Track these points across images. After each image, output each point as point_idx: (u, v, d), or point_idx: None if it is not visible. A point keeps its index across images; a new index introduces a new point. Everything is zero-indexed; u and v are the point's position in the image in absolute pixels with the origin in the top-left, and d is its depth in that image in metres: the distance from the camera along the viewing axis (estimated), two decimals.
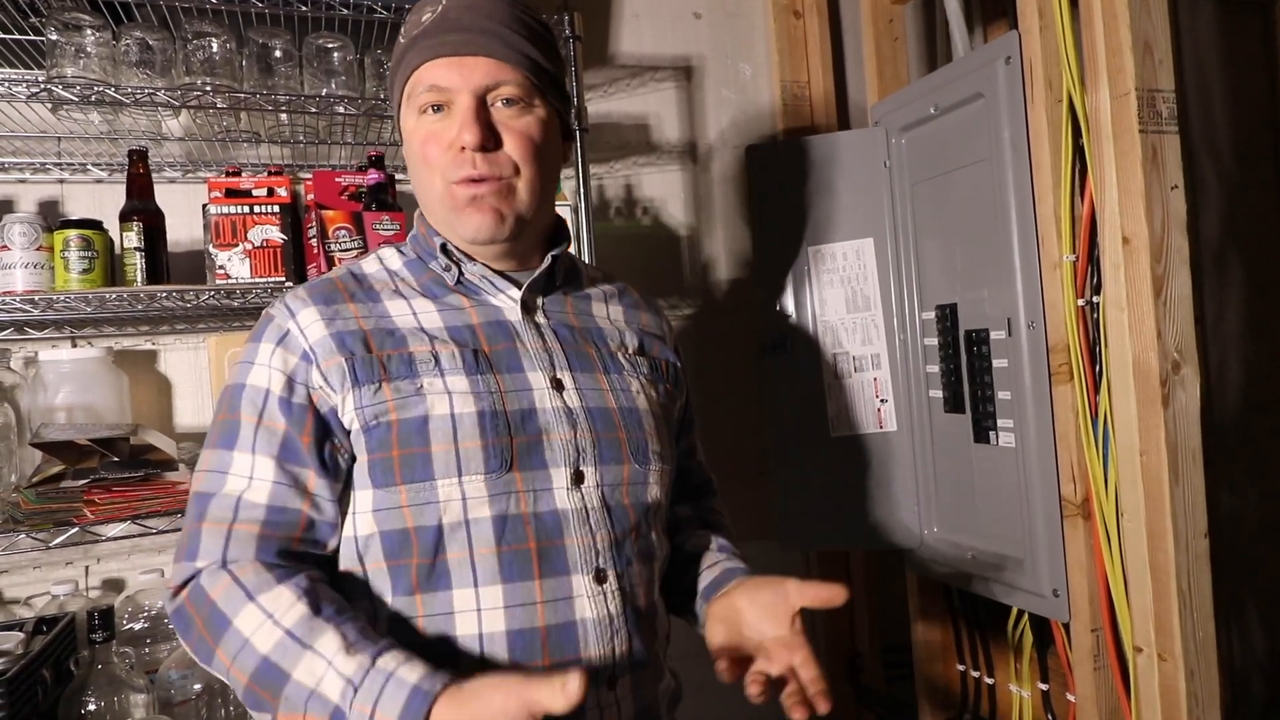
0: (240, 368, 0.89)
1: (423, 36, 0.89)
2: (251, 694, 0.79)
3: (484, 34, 0.88)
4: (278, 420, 0.86)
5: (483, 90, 0.89)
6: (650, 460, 0.94)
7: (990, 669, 1.56)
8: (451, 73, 0.88)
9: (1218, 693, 1.18)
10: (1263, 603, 1.83)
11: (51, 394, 1.43)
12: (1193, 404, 1.18)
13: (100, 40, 1.35)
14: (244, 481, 0.85)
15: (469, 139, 0.87)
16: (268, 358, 0.88)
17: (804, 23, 2.03)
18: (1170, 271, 1.18)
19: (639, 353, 1.02)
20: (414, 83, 0.90)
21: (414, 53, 0.90)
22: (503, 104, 0.90)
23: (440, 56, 0.88)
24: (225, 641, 0.79)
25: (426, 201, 0.94)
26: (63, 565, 1.54)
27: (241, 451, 0.86)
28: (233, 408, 0.88)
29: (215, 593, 0.80)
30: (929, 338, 1.56)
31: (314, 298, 0.91)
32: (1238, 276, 1.90)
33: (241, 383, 0.88)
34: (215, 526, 0.83)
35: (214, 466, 0.86)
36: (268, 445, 0.85)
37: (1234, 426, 1.85)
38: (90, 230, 1.36)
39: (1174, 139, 1.19)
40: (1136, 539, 1.20)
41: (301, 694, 0.76)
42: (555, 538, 0.86)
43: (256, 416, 0.86)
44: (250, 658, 0.78)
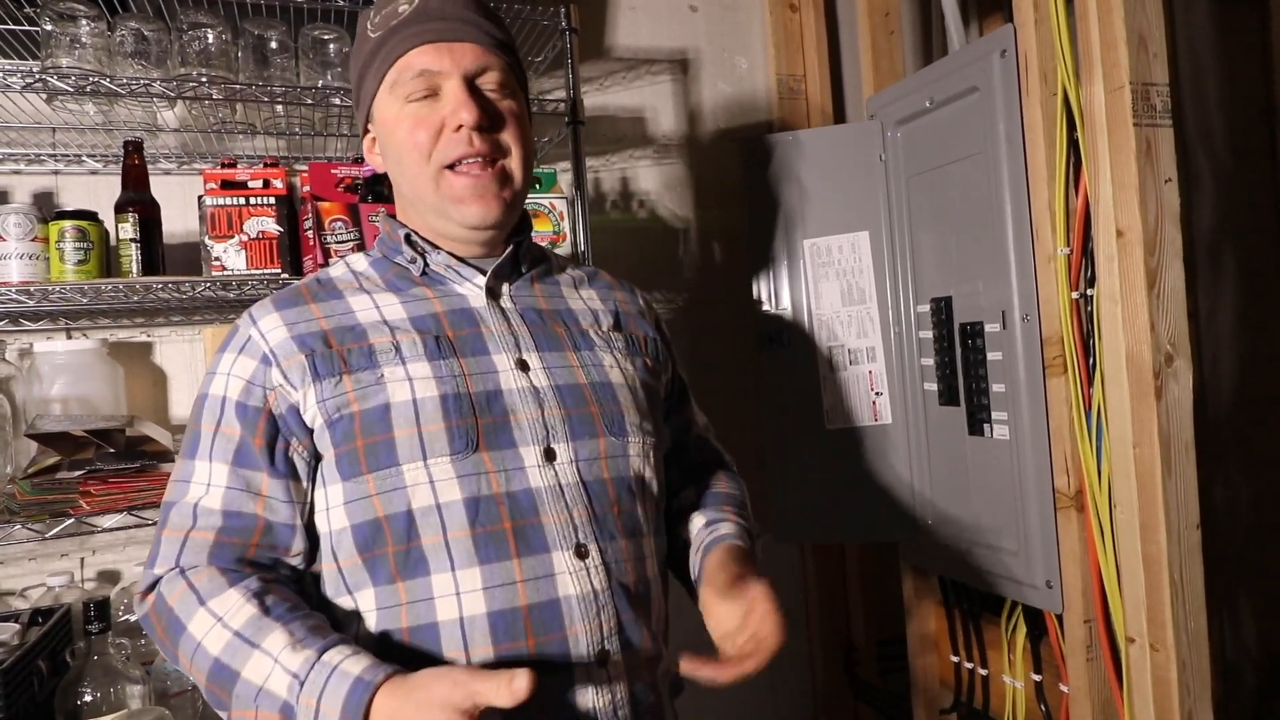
0: (206, 379, 0.92)
1: (404, 25, 0.90)
2: (210, 694, 0.82)
3: (466, 23, 0.91)
4: (233, 426, 0.87)
5: (472, 74, 0.90)
6: (628, 432, 0.94)
7: (984, 660, 1.57)
8: (442, 57, 0.89)
9: (1209, 683, 1.19)
10: (1255, 595, 1.85)
11: (47, 385, 1.43)
12: (1185, 397, 1.19)
13: (95, 31, 1.34)
14: (202, 489, 0.87)
15: (467, 117, 0.88)
16: (229, 366, 0.90)
17: (800, 16, 2.03)
18: (1163, 265, 1.19)
19: (614, 329, 1.02)
20: (400, 69, 0.90)
21: (396, 41, 0.90)
22: (489, 89, 0.92)
23: (427, 42, 0.89)
24: (182, 645, 0.82)
25: (414, 190, 0.93)
26: (58, 557, 1.54)
27: (201, 460, 0.88)
28: (196, 418, 0.90)
29: (172, 599, 0.83)
30: (924, 331, 1.57)
31: (278, 304, 0.93)
32: (1232, 270, 1.91)
33: (205, 393, 0.91)
34: (173, 534, 0.86)
35: (179, 476, 0.89)
36: (223, 452, 0.87)
37: (1227, 420, 1.86)
38: (86, 221, 1.36)
39: (1168, 132, 1.20)
40: (1129, 531, 1.21)
41: (250, 691, 0.78)
42: (530, 516, 0.86)
43: (214, 425, 0.88)
44: (204, 660, 0.80)
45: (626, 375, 0.98)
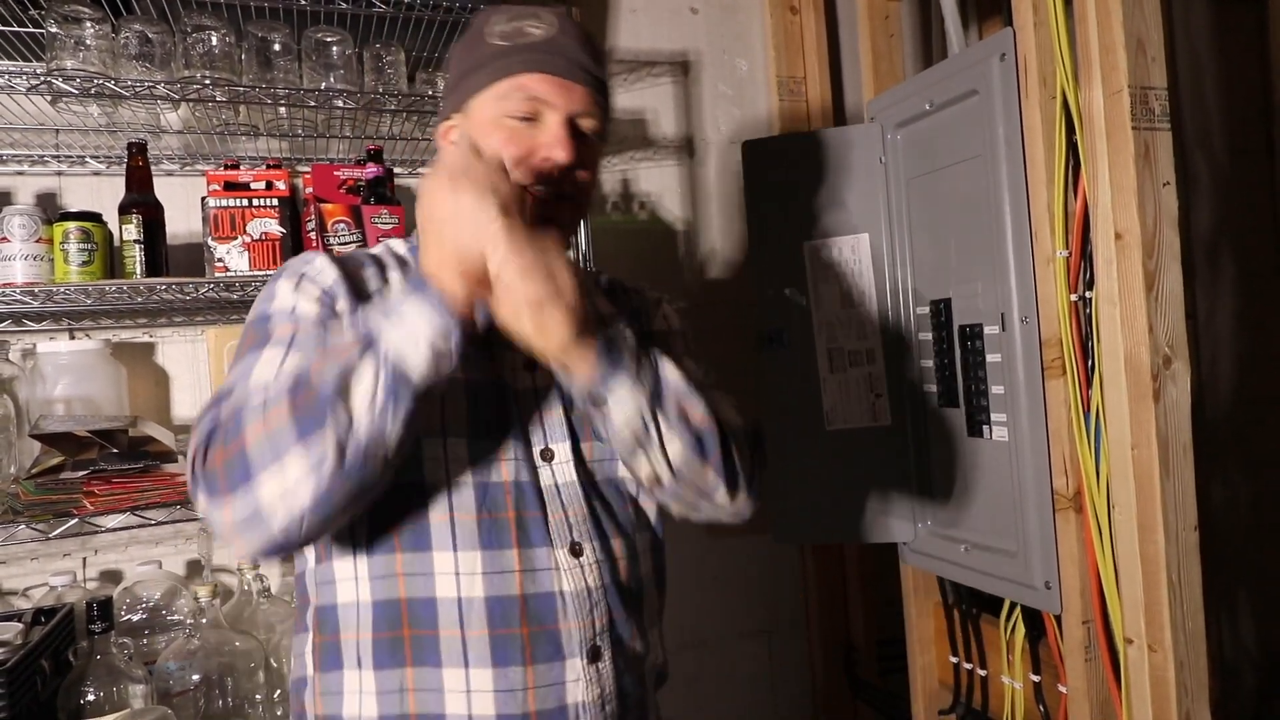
0: (262, 303, 0.90)
1: (530, 49, 0.93)
2: (301, 419, 0.71)
3: (585, 69, 0.94)
4: (310, 329, 0.85)
5: (575, 115, 0.94)
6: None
7: (983, 661, 1.57)
8: (556, 91, 0.92)
9: (1207, 683, 1.19)
10: (1253, 595, 1.85)
11: (50, 386, 1.44)
12: (1183, 398, 1.20)
13: (100, 33, 1.35)
14: (274, 369, 0.81)
15: (562, 156, 0.91)
16: (291, 288, 0.88)
17: (800, 18, 2.04)
18: (1162, 267, 1.19)
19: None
20: (515, 85, 0.92)
21: (520, 59, 0.92)
22: (585, 133, 0.95)
23: (547, 73, 0.92)
24: (248, 419, 0.73)
25: None
26: (60, 556, 1.55)
27: (274, 347, 0.83)
28: (259, 329, 0.86)
29: (226, 411, 0.76)
30: (923, 333, 1.57)
31: (328, 255, 0.93)
32: (1230, 272, 1.91)
33: (266, 310, 0.88)
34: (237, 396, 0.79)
35: (236, 374, 0.83)
36: (302, 345, 0.84)
37: (1225, 421, 1.87)
38: (90, 223, 1.37)
39: (1166, 136, 1.20)
40: (1127, 532, 1.22)
41: (328, 354, 0.73)
42: (532, 509, 0.89)
43: (290, 327, 0.85)
44: (278, 392, 0.73)
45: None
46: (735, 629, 2.02)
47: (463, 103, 0.97)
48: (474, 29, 0.98)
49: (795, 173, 1.67)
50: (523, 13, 0.96)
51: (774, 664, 2.06)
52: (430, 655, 0.85)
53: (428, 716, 0.84)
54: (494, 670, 0.85)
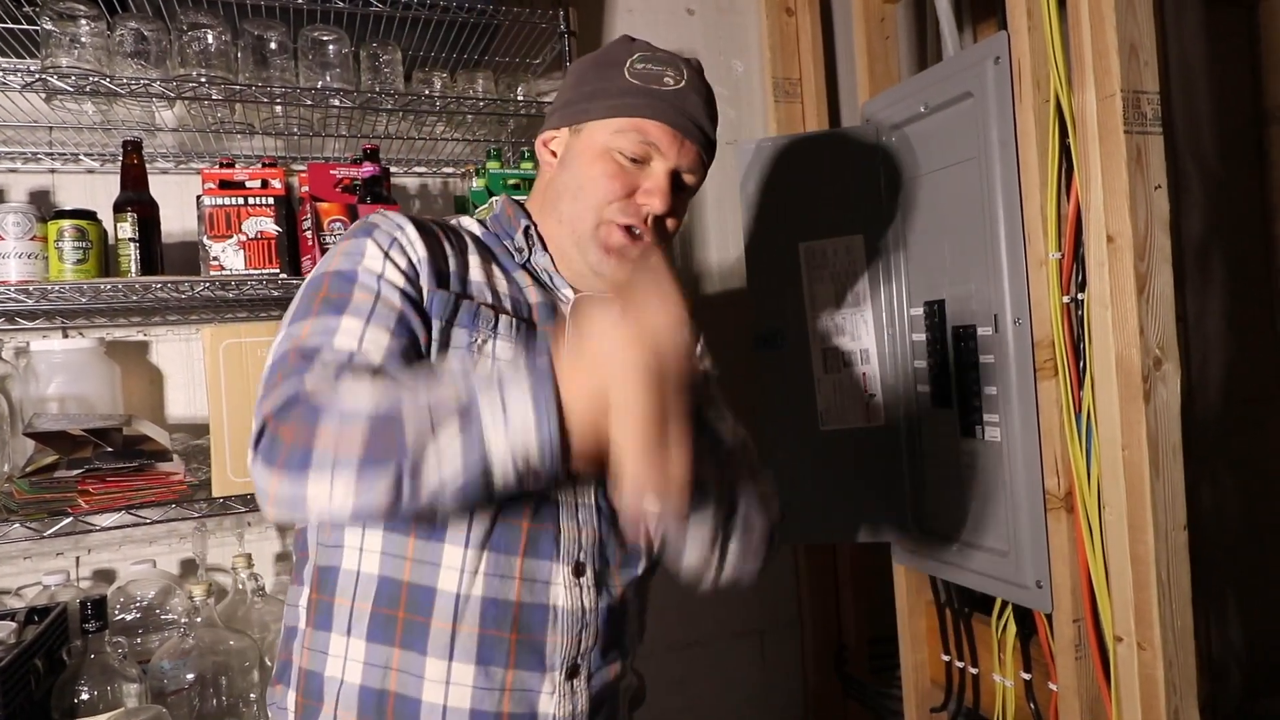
0: (344, 258, 0.88)
1: (660, 97, 0.96)
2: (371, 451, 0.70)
3: (702, 130, 0.98)
4: (394, 302, 0.86)
5: (681, 169, 0.98)
6: None
7: (975, 659, 1.59)
8: (672, 144, 0.96)
9: (1195, 682, 1.21)
10: (1241, 595, 1.87)
11: (43, 384, 1.43)
12: (1173, 400, 1.21)
13: (95, 30, 1.35)
14: (355, 341, 0.81)
15: (658, 205, 0.95)
16: (379, 252, 0.88)
17: (796, 20, 2.05)
18: (1153, 270, 1.20)
19: None
20: (635, 126, 0.95)
21: (648, 102, 0.95)
22: (684, 185, 1.00)
23: (669, 124, 0.95)
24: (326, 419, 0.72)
25: (575, 215, 0.96)
26: (53, 556, 1.54)
27: (354, 318, 0.83)
28: (342, 287, 0.86)
29: (309, 389, 0.75)
30: (917, 333, 1.58)
31: (414, 221, 0.93)
32: (1220, 274, 1.93)
33: (352, 269, 0.87)
34: (326, 365, 0.79)
35: (318, 329, 0.82)
36: (383, 319, 0.84)
37: (1215, 422, 1.88)
38: (85, 221, 1.36)
39: (1158, 140, 1.21)
40: (1118, 531, 1.23)
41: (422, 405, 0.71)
42: (545, 523, 0.90)
43: (371, 295, 0.85)
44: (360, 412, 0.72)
45: None
46: (728, 628, 2.03)
47: (578, 121, 0.99)
48: (613, 56, 1.00)
49: (790, 174, 1.68)
50: (661, 58, 0.98)
51: (766, 663, 2.07)
52: (418, 642, 0.86)
53: (405, 698, 0.86)
54: (476, 667, 0.86)
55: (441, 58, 1.65)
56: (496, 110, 1.61)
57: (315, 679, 0.89)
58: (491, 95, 1.66)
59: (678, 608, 1.90)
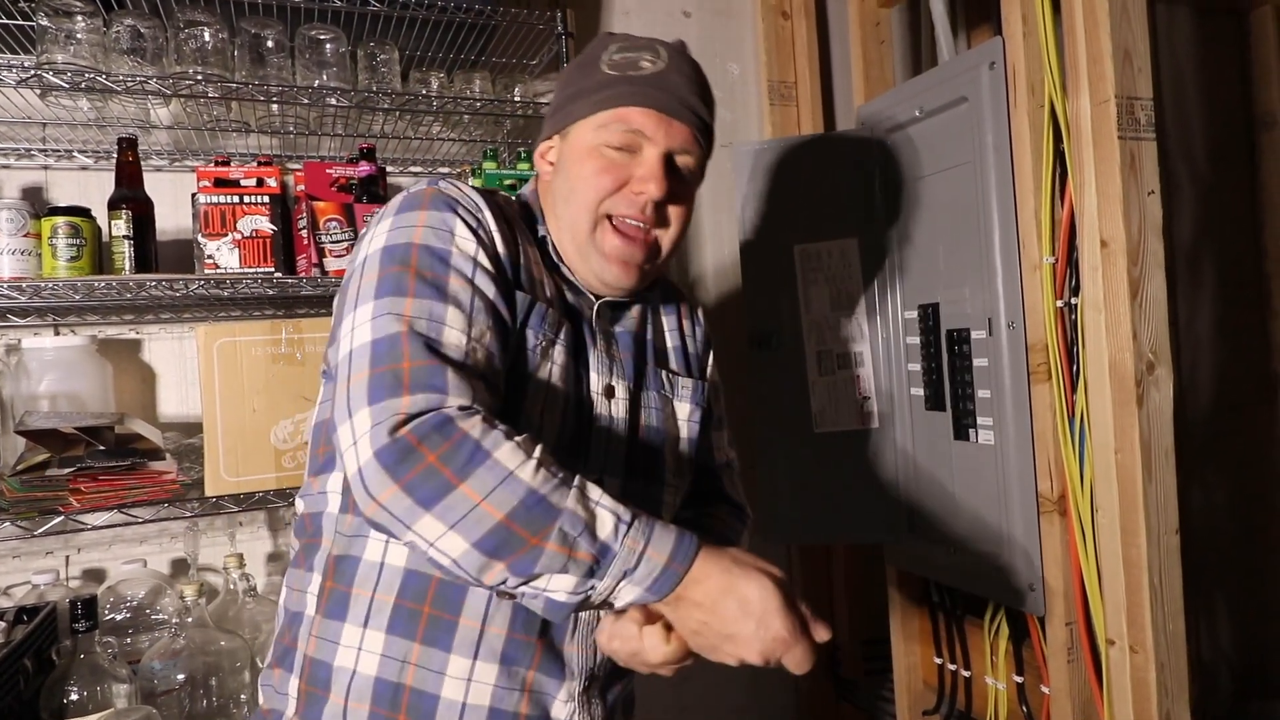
0: (429, 231, 0.86)
1: (641, 82, 0.93)
2: (501, 533, 0.71)
3: (690, 108, 0.94)
4: (489, 292, 0.85)
5: (674, 151, 0.94)
6: (664, 481, 1.00)
7: (967, 662, 1.59)
8: (658, 126, 0.92)
9: (1187, 684, 1.21)
10: (1232, 597, 1.88)
11: (35, 382, 1.42)
12: (1166, 404, 1.22)
13: (91, 27, 1.34)
14: (465, 339, 0.81)
15: (655, 191, 0.91)
16: (467, 230, 0.87)
17: (792, 24, 2.05)
18: (1146, 274, 1.21)
19: (680, 371, 1.06)
20: (618, 116, 0.92)
21: (628, 90, 0.93)
22: (681, 170, 0.96)
23: (652, 108, 0.92)
24: (478, 475, 0.72)
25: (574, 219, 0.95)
26: (43, 555, 1.53)
27: (457, 310, 0.82)
28: (434, 267, 0.84)
29: (467, 427, 0.74)
30: (911, 336, 1.59)
31: (490, 203, 0.91)
32: (1211, 279, 1.94)
33: (444, 248, 0.85)
34: (458, 371, 0.78)
35: (424, 312, 0.81)
36: (483, 317, 0.83)
37: (1206, 425, 1.89)
38: (79, 218, 1.35)
39: (1151, 145, 1.22)
40: (1110, 535, 1.24)
41: (574, 526, 0.72)
42: None
43: (468, 286, 0.84)
44: (514, 491, 0.72)
45: (680, 425, 1.03)
46: None
47: (564, 126, 0.97)
48: (591, 53, 0.98)
49: (786, 177, 1.69)
50: (638, 44, 0.96)
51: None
52: (443, 638, 0.86)
53: (422, 693, 0.85)
54: (500, 667, 0.86)
55: (439, 58, 1.65)
56: (493, 111, 1.61)
57: (323, 668, 0.88)
58: (488, 96, 1.66)
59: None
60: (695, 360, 1.11)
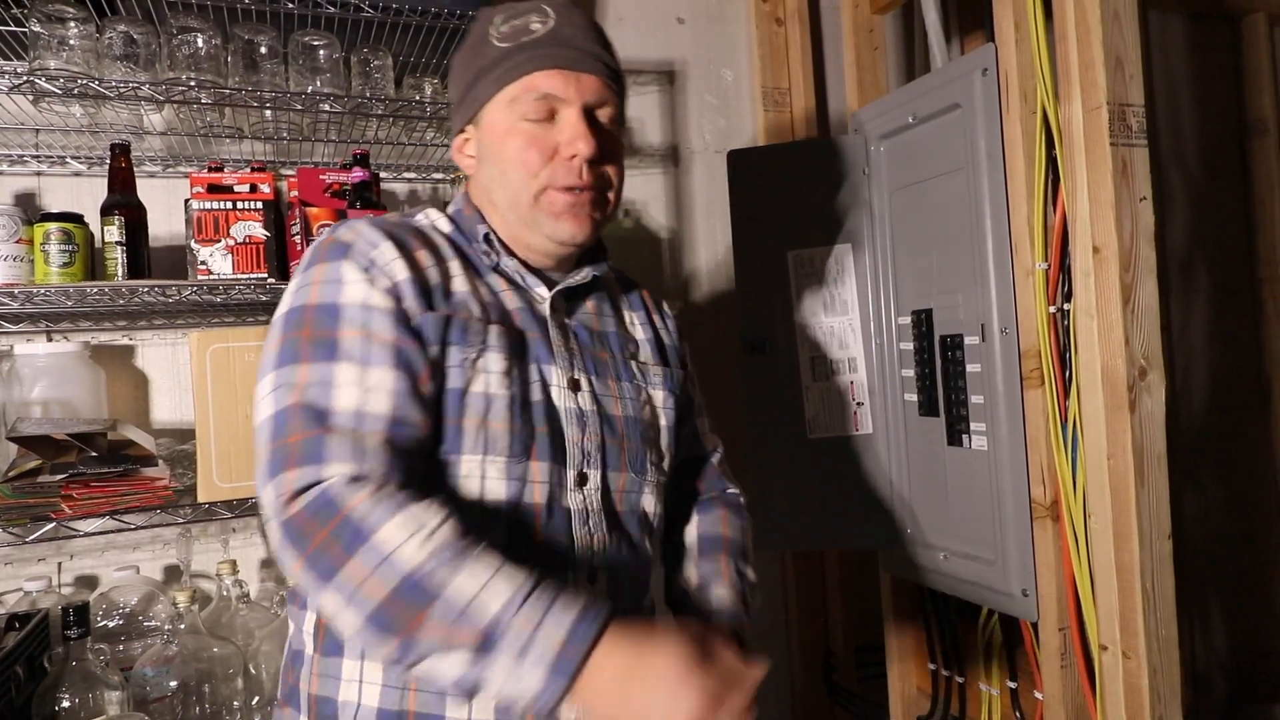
0: (323, 288, 0.85)
1: (535, 45, 0.91)
2: (385, 614, 0.72)
3: (593, 55, 0.93)
4: (385, 333, 0.83)
5: (591, 106, 0.92)
6: (646, 470, 0.98)
7: (961, 668, 1.59)
8: (568, 85, 0.90)
9: (1180, 690, 1.21)
10: (1224, 602, 1.88)
11: (27, 388, 1.42)
12: (1158, 409, 1.22)
13: (84, 33, 1.34)
14: (359, 392, 0.81)
15: (585, 149, 0.90)
16: (359, 276, 0.85)
17: (785, 30, 2.06)
18: (1138, 280, 1.22)
19: (651, 360, 1.05)
20: (525, 86, 0.91)
21: (525, 58, 0.91)
22: (604, 122, 0.94)
23: (557, 68, 0.90)
24: (362, 555, 0.72)
25: (512, 200, 0.93)
26: (34, 562, 1.53)
27: (349, 363, 0.82)
28: (327, 324, 0.83)
29: (353, 503, 0.74)
30: (905, 342, 1.59)
31: (389, 234, 0.89)
32: (1203, 284, 1.95)
33: (334, 301, 0.85)
34: (342, 436, 0.78)
35: (318, 380, 0.81)
36: (381, 357, 0.82)
37: (1199, 431, 1.90)
38: (71, 224, 1.35)
39: (1143, 152, 1.23)
40: (1103, 540, 1.24)
41: (452, 608, 0.71)
42: (559, 533, 0.89)
43: (360, 330, 0.83)
44: (393, 572, 0.72)
45: (656, 412, 1.02)
46: None
47: (474, 113, 0.95)
48: (476, 34, 0.96)
49: (779, 183, 1.69)
50: (523, 8, 0.94)
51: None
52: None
53: (426, 715, 0.84)
54: None
55: (432, 64, 1.65)
56: None
57: (329, 704, 0.87)
58: None
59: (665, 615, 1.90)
60: (673, 351, 1.11)
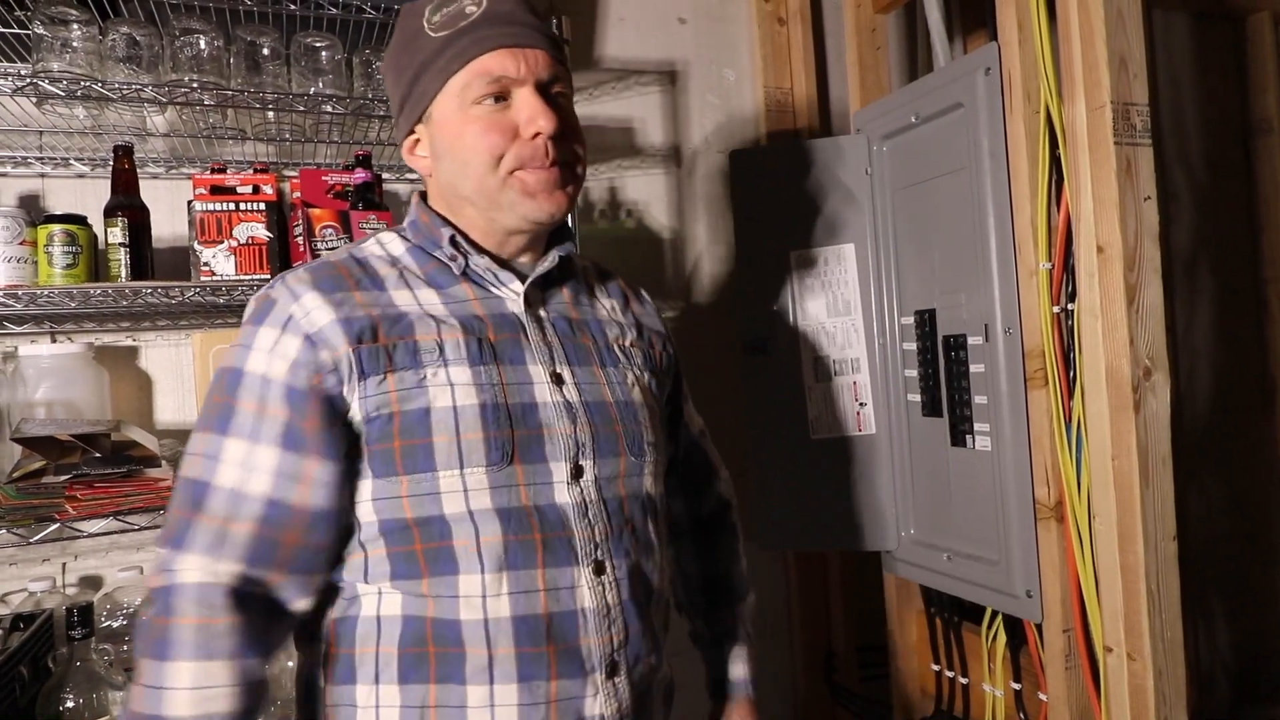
0: (238, 351, 0.87)
1: (473, 27, 0.89)
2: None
3: (535, 30, 0.91)
4: (280, 408, 0.84)
5: (544, 81, 0.90)
6: (645, 452, 0.97)
7: (965, 668, 1.59)
8: (517, 63, 0.89)
9: (1184, 691, 1.21)
10: (1229, 603, 1.88)
11: (31, 389, 1.42)
12: (1163, 410, 1.22)
13: (87, 35, 1.34)
14: (243, 471, 0.83)
15: (547, 125, 0.88)
16: (270, 343, 0.86)
17: (788, 29, 2.06)
18: (1142, 280, 1.21)
19: (634, 344, 1.04)
20: (474, 72, 0.89)
21: (467, 43, 0.89)
22: (560, 96, 0.92)
23: (502, 47, 0.88)
24: (152, 668, 0.80)
25: (478, 189, 0.91)
26: (39, 562, 1.53)
27: (238, 439, 0.84)
28: (231, 393, 0.85)
29: (182, 620, 0.80)
30: (908, 342, 1.59)
31: (317, 281, 0.89)
32: (1208, 284, 1.94)
33: (239, 367, 0.86)
34: (211, 522, 0.82)
35: (208, 451, 0.84)
36: (270, 435, 0.84)
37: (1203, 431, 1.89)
38: (75, 225, 1.35)
39: (1147, 151, 1.22)
40: (1108, 541, 1.23)
41: None
42: (557, 530, 0.88)
43: (257, 404, 0.84)
44: (158, 703, 0.79)
45: (645, 394, 1.01)
46: None
47: (423, 110, 0.93)
48: (407, 29, 0.94)
49: (782, 182, 1.69)
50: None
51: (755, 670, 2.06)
52: (455, 673, 0.84)
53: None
54: (519, 685, 0.84)
55: None
56: None
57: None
58: None
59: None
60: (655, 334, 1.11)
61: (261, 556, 0.83)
